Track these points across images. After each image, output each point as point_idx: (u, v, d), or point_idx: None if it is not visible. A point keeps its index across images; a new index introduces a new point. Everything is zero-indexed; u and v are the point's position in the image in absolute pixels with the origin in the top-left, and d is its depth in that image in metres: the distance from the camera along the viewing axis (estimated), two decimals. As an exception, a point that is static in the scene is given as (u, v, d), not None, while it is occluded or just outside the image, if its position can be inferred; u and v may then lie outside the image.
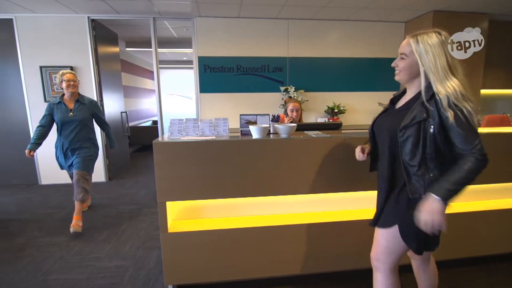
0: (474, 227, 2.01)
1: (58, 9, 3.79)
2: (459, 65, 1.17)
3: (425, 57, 1.15)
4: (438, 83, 1.13)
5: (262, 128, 1.65)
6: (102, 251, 2.47)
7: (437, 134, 1.14)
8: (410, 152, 1.18)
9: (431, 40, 1.15)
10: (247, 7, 3.79)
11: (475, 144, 1.11)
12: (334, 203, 1.95)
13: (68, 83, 2.78)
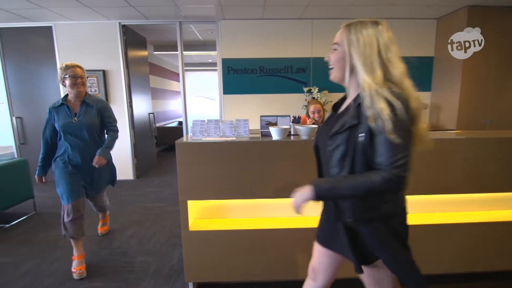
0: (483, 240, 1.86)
1: (92, 16, 4.03)
2: (398, 61, 0.97)
3: (355, 48, 0.96)
4: (362, 81, 0.95)
5: (282, 130, 1.65)
6: (128, 246, 2.59)
7: (367, 144, 0.93)
8: (338, 163, 0.99)
9: (365, 28, 0.96)
10: (270, 8, 3.80)
11: (396, 158, 0.89)
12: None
13: (74, 81, 2.07)
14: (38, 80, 4.50)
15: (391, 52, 0.95)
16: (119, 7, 3.71)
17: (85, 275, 2.14)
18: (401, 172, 0.89)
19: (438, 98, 4.40)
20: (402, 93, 0.91)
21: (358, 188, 0.91)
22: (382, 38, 0.95)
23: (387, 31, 0.98)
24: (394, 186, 0.90)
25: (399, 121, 0.88)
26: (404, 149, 0.89)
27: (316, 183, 0.97)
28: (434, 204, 1.92)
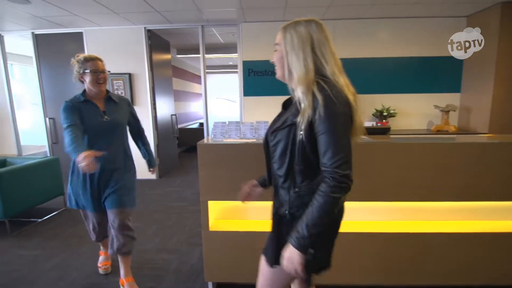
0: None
1: (119, 22, 4.21)
2: (334, 58, 0.96)
3: (290, 45, 0.99)
4: (297, 76, 0.96)
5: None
6: (150, 244, 2.66)
7: (305, 142, 0.93)
8: (278, 159, 1.02)
9: (298, 27, 0.99)
10: (291, 10, 3.79)
11: (336, 159, 0.88)
12: (377, 212, 1.84)
13: (95, 76, 1.74)
14: (69, 83, 4.75)
15: (325, 48, 0.96)
16: (145, 13, 3.85)
17: (110, 270, 2.22)
18: (343, 171, 0.88)
19: (469, 100, 4.18)
20: (336, 88, 0.91)
21: (322, 215, 0.90)
22: (315, 35, 0.97)
23: (322, 30, 0.99)
24: (341, 188, 0.89)
25: (333, 117, 0.88)
26: (343, 146, 0.89)
27: (293, 242, 0.92)
28: (464, 212, 1.82)
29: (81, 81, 1.81)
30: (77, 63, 1.77)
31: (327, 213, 0.89)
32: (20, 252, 2.54)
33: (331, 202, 0.89)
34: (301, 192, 0.99)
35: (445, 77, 4.28)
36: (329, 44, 0.98)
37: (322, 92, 0.90)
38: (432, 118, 4.40)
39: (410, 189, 1.66)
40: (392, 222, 1.81)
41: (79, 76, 1.79)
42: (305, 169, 0.97)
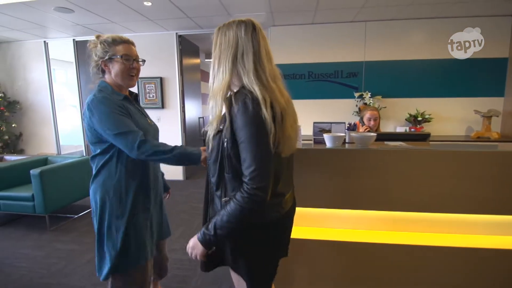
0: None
1: (152, 28, 4.38)
2: (256, 67, 0.92)
3: (218, 49, 0.96)
4: (213, 86, 0.96)
5: (337, 137, 1.58)
6: (178, 245, 2.70)
7: (230, 150, 0.92)
8: (211, 167, 1.01)
9: (229, 30, 0.95)
10: (322, 12, 3.73)
11: (250, 170, 0.86)
12: (424, 223, 1.73)
13: (128, 65, 1.29)
14: (105, 87, 5.01)
15: (248, 55, 0.92)
16: (177, 19, 3.97)
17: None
18: (256, 183, 0.86)
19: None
20: (254, 99, 0.88)
21: (230, 221, 0.90)
22: (242, 41, 0.93)
23: (253, 33, 0.94)
24: (252, 201, 0.87)
25: (247, 127, 0.86)
26: (259, 157, 0.86)
27: (200, 238, 0.97)
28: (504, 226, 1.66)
29: (104, 69, 1.29)
30: (101, 45, 1.27)
31: (236, 220, 0.89)
32: (58, 246, 2.69)
33: (240, 211, 0.88)
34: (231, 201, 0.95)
35: (486, 80, 3.99)
36: (256, 49, 0.94)
37: (237, 102, 0.89)
38: (471, 123, 4.12)
39: (456, 200, 1.55)
40: (434, 234, 1.69)
41: (101, 64, 1.27)
42: (234, 178, 0.95)
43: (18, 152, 5.28)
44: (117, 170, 1.26)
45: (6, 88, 5.19)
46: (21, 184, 3.28)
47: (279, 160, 0.98)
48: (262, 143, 0.87)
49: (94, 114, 1.19)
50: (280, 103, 0.94)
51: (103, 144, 1.25)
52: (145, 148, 1.17)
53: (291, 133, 0.98)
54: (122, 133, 1.17)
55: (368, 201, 1.63)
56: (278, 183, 0.98)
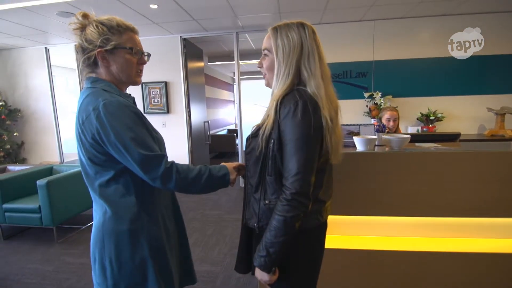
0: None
1: (157, 31, 4.29)
2: (321, 66, 0.91)
3: (281, 52, 0.92)
4: (279, 86, 0.92)
5: (369, 140, 1.49)
6: (193, 254, 2.59)
7: (276, 151, 0.89)
8: (251, 168, 0.97)
9: (290, 32, 0.92)
10: (330, 12, 3.66)
11: (292, 174, 0.84)
12: (466, 228, 1.64)
13: (138, 59, 1.02)
14: (108, 93, 4.91)
15: (313, 57, 0.91)
16: (183, 21, 3.89)
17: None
18: (296, 189, 0.83)
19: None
20: (311, 101, 0.86)
21: (278, 235, 0.86)
22: (306, 43, 0.92)
23: (314, 35, 0.94)
24: (294, 207, 0.84)
25: (298, 132, 0.84)
26: (303, 164, 0.84)
27: (255, 261, 0.91)
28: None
29: (102, 63, 0.97)
30: (96, 30, 0.95)
31: (283, 232, 0.85)
32: (68, 260, 2.58)
33: (283, 222, 0.84)
34: (271, 205, 0.92)
35: (499, 77, 3.92)
36: (318, 51, 0.93)
37: (288, 104, 0.87)
38: (484, 121, 4.05)
39: (501, 203, 1.46)
40: (469, 239, 1.60)
41: (99, 55, 0.95)
42: (276, 181, 0.91)
43: (20, 162, 5.17)
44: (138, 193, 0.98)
45: (7, 96, 5.08)
46: (26, 195, 3.17)
47: (324, 166, 0.95)
48: (308, 148, 0.85)
49: (106, 125, 0.87)
50: (335, 107, 0.93)
51: (114, 164, 0.93)
52: (173, 177, 0.92)
53: (340, 139, 0.96)
54: (147, 157, 0.89)
55: (403, 207, 1.54)
56: (320, 189, 0.95)
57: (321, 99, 0.88)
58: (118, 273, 0.95)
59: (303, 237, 0.93)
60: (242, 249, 1.08)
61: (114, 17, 0.99)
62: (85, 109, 0.91)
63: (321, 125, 0.87)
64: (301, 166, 0.84)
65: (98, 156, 0.92)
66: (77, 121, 0.92)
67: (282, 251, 0.88)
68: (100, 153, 0.91)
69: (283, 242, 0.86)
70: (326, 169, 0.97)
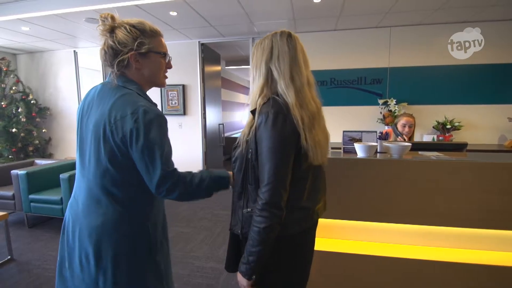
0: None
1: (177, 37, 4.48)
2: (289, 72, 0.91)
3: (254, 57, 0.97)
4: (251, 93, 0.96)
5: (370, 147, 1.53)
6: (200, 251, 2.70)
7: (254, 160, 0.91)
8: (236, 176, 1.00)
9: (264, 40, 0.96)
10: (345, 18, 3.68)
11: (264, 184, 0.86)
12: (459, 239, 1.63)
13: (169, 64, 1.12)
14: (129, 94, 5.17)
15: (283, 58, 0.92)
16: (200, 28, 4.04)
17: None
18: (266, 199, 0.85)
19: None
20: (282, 110, 0.87)
21: (253, 246, 0.88)
22: (277, 46, 0.93)
23: (289, 40, 0.94)
24: (266, 218, 0.85)
25: (269, 141, 0.85)
26: (273, 174, 0.85)
27: (239, 269, 0.94)
28: None
29: (134, 64, 0.99)
30: (129, 33, 0.98)
31: (259, 242, 0.87)
32: (85, 249, 2.74)
33: (258, 233, 0.86)
34: (252, 213, 0.92)
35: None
36: (292, 54, 0.93)
37: (261, 113, 0.88)
38: (504, 132, 3.90)
39: (501, 215, 1.45)
40: (476, 251, 1.59)
41: (133, 57, 0.98)
42: (256, 190, 0.92)
43: (47, 156, 5.52)
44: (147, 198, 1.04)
45: (38, 95, 5.46)
46: (50, 187, 3.41)
47: (306, 174, 0.95)
48: (278, 158, 0.86)
49: (140, 132, 0.89)
50: (311, 109, 0.93)
51: (130, 167, 0.95)
52: (176, 191, 0.96)
53: (321, 139, 0.95)
54: (167, 173, 0.94)
55: (400, 214, 1.55)
56: (302, 197, 0.95)
57: (291, 100, 0.89)
58: (120, 271, 0.97)
59: (285, 243, 0.94)
60: (230, 252, 1.11)
61: (143, 20, 1.01)
62: (121, 108, 0.91)
63: (294, 131, 0.88)
64: (271, 176, 0.85)
65: (117, 155, 0.93)
66: (106, 116, 0.91)
67: (261, 260, 0.89)
68: (121, 154, 0.92)
69: (259, 252, 0.88)
70: (309, 176, 0.96)
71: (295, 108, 0.88)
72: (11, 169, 3.45)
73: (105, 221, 0.96)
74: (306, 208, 0.97)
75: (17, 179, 3.22)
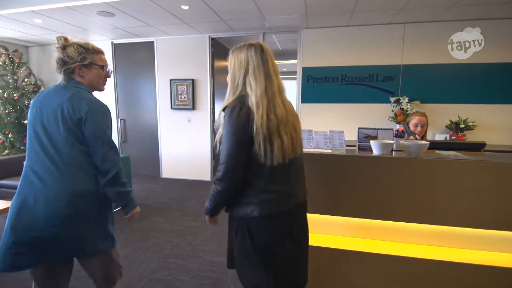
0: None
1: (187, 31, 4.47)
2: (265, 81, 1.07)
3: (232, 69, 1.13)
4: (227, 96, 1.14)
5: (386, 144, 1.50)
6: (209, 245, 2.71)
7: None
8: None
9: (240, 52, 1.10)
10: (358, 14, 3.62)
11: (220, 165, 1.08)
12: (474, 240, 1.60)
13: (108, 75, 1.45)
14: (139, 88, 5.20)
15: (259, 72, 1.07)
16: (211, 22, 4.02)
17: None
18: (217, 177, 1.08)
19: None
20: (242, 106, 1.05)
21: (210, 199, 1.15)
22: (252, 60, 1.08)
23: (261, 53, 1.09)
24: (218, 194, 1.11)
25: (224, 134, 1.05)
26: (225, 160, 1.05)
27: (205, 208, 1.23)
28: None
29: (69, 72, 1.31)
30: (76, 50, 1.30)
31: (213, 201, 1.15)
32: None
33: (213, 195, 1.14)
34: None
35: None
36: (267, 67, 1.09)
37: (229, 107, 1.07)
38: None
39: (507, 216, 1.42)
40: (494, 253, 1.56)
41: (77, 67, 1.30)
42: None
43: (58, 148, 5.58)
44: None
45: (49, 87, 5.51)
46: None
47: (269, 162, 1.07)
48: (231, 146, 1.04)
49: (93, 115, 1.25)
50: (279, 113, 1.06)
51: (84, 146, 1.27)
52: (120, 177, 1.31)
53: (285, 139, 1.07)
54: (111, 151, 1.28)
55: (417, 213, 1.53)
56: (270, 181, 1.08)
57: (259, 106, 1.03)
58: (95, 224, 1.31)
59: (254, 223, 1.09)
60: (229, 251, 1.31)
61: (88, 42, 1.37)
62: (76, 99, 1.25)
63: (247, 125, 1.03)
64: (224, 157, 1.06)
65: (78, 136, 1.25)
66: (65, 104, 1.23)
67: (214, 210, 1.18)
68: (79, 132, 1.24)
69: (212, 206, 1.17)
70: (276, 164, 1.07)
71: (257, 114, 1.03)
72: (23, 160, 3.50)
73: (91, 187, 1.29)
74: (275, 192, 1.09)
75: (29, 170, 3.26)
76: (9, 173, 3.61)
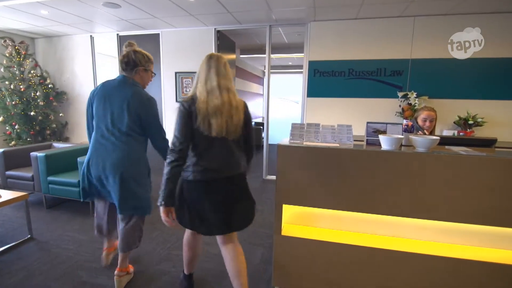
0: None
1: (193, 23, 4.43)
2: (211, 81, 1.46)
3: (197, 74, 1.55)
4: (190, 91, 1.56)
5: (396, 139, 1.47)
6: (212, 238, 2.70)
7: None
8: None
9: (202, 61, 1.53)
10: (367, 7, 3.55)
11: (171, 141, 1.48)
12: (481, 237, 1.57)
13: (152, 77, 2.08)
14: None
15: (202, 76, 1.50)
16: (217, 14, 3.97)
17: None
18: (169, 146, 1.48)
19: None
20: (187, 100, 1.47)
21: (164, 175, 1.46)
22: (201, 67, 1.52)
23: (212, 61, 1.50)
24: (168, 158, 1.46)
25: (176, 117, 1.46)
26: (173, 135, 1.45)
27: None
28: None
29: (135, 71, 1.88)
30: (143, 57, 1.90)
31: (166, 172, 1.46)
32: (101, 232, 2.80)
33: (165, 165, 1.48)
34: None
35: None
36: (208, 70, 1.49)
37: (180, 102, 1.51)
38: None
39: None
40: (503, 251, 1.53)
41: (140, 69, 1.89)
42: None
43: (64, 140, 5.63)
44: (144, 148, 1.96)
45: (55, 79, 5.53)
46: (68, 170, 3.47)
47: (204, 141, 1.48)
48: (176, 128, 1.45)
49: (148, 109, 1.83)
50: (215, 103, 1.44)
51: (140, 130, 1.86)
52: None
53: (219, 121, 1.45)
54: (162, 133, 1.93)
55: (427, 209, 1.50)
56: (201, 158, 1.50)
57: (200, 99, 1.44)
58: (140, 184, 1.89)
59: (186, 185, 1.54)
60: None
61: (150, 55, 1.97)
62: (138, 96, 1.80)
63: (184, 113, 1.44)
64: (173, 137, 1.45)
65: (136, 123, 1.81)
66: (130, 99, 1.77)
67: (164, 186, 1.45)
68: (136, 122, 1.81)
69: (165, 186, 1.45)
70: (209, 144, 1.48)
71: (199, 102, 1.44)
72: (30, 151, 3.53)
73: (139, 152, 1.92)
74: (201, 166, 1.50)
75: (36, 161, 3.29)
76: (16, 164, 3.65)
